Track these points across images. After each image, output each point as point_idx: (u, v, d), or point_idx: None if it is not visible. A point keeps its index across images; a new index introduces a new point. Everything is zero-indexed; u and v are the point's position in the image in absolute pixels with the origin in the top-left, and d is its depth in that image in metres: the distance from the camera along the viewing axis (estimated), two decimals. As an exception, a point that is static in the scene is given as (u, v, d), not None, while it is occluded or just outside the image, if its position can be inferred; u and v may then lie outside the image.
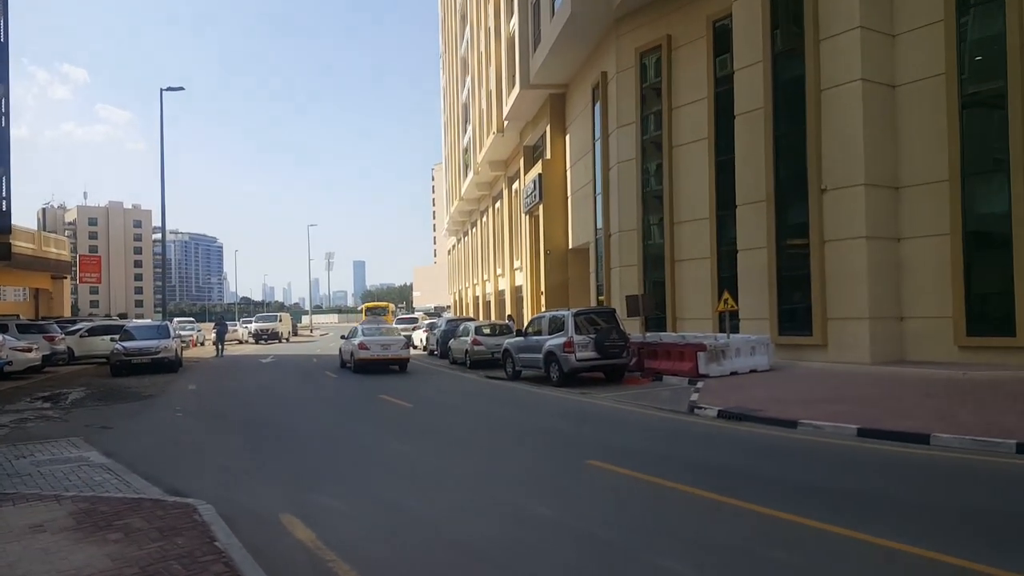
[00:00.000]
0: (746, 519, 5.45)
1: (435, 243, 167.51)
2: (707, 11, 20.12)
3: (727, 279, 19.19)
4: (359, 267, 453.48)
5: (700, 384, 13.95)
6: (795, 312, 16.85)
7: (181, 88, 31.84)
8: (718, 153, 19.76)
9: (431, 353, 29.50)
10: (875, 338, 15.38)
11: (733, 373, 15.09)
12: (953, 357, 14.78)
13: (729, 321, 16.68)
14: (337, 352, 25.42)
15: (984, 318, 14.41)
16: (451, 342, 24.12)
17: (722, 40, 19.85)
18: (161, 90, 31.40)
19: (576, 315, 15.52)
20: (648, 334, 18.31)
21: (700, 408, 11.22)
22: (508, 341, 18.28)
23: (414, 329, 37.82)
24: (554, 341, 15.61)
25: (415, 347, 35.95)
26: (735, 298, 16.79)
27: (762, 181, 17.35)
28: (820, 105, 16.15)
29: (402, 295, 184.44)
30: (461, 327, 24.16)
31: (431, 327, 31.54)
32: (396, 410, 12.98)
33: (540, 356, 16.06)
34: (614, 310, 16.34)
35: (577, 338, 15.13)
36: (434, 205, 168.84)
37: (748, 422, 10.17)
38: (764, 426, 9.82)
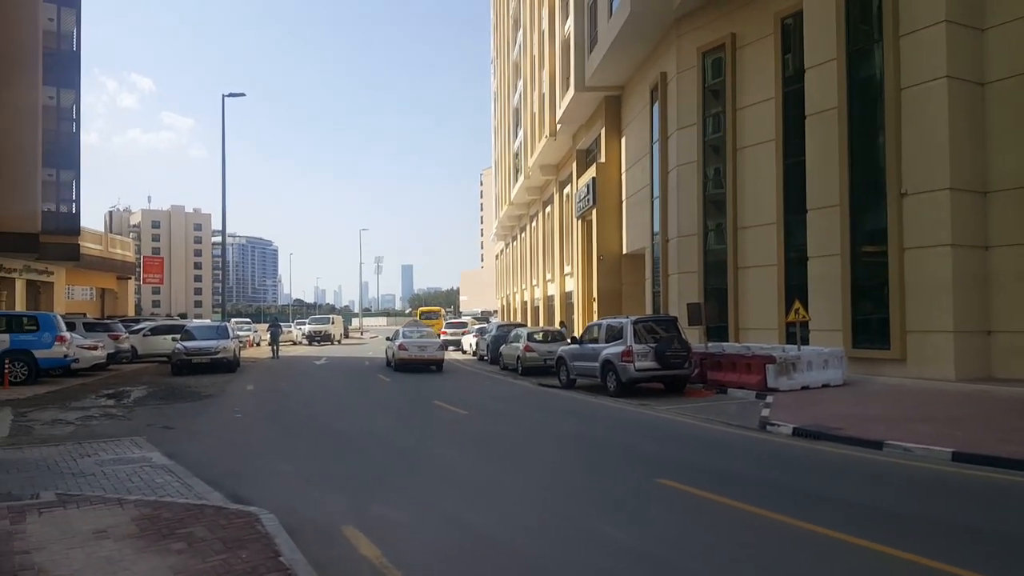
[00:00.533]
0: (859, 557, 4.91)
1: (482, 248, 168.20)
2: (775, 8, 19.38)
3: (795, 288, 18.37)
4: (407, 271, 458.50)
5: (769, 398, 13.27)
6: (870, 324, 15.97)
7: (242, 94, 32.53)
8: (786, 156, 18.97)
9: (481, 358, 29.24)
10: (960, 353, 14.43)
11: (804, 388, 14.34)
12: (1047, 375, 13.76)
13: (799, 332, 15.91)
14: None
15: (1083, 333, 13.35)
16: (502, 348, 23.80)
17: (790, 38, 19.09)
18: (223, 96, 32.12)
19: (635, 323, 14.99)
20: (710, 344, 17.64)
21: (773, 424, 10.60)
22: (562, 348, 17.85)
23: (463, 334, 37.65)
24: (612, 350, 15.11)
25: (464, 352, 35.86)
26: (805, 308, 16.02)
27: (835, 185, 16.54)
28: (900, 104, 15.28)
29: (449, 299, 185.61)
30: (512, 333, 23.82)
31: (481, 332, 31.30)
32: (452, 416, 12.72)
33: (596, 365, 15.58)
34: (675, 318, 15.75)
35: (636, 347, 14.60)
36: (482, 210, 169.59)
37: (827, 441, 9.52)
38: (845, 446, 9.16)
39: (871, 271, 16.01)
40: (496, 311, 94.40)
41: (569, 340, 18.80)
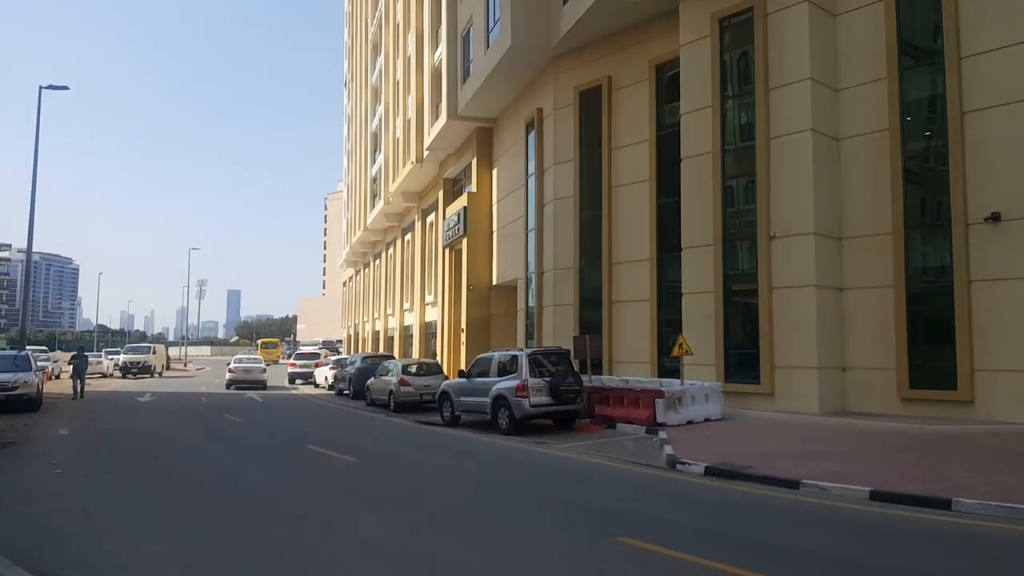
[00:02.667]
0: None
1: (325, 275, 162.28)
2: (650, 55, 20.17)
3: (668, 322, 18.91)
4: (233, 296, 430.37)
5: (662, 434, 13.29)
6: (742, 359, 16.69)
7: (65, 87, 28.46)
8: (660, 195, 19.64)
9: (340, 393, 27.46)
10: (823, 388, 15.39)
11: (689, 422, 14.58)
12: (895, 410, 14.97)
13: (679, 365, 16.27)
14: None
15: (926, 371, 14.69)
16: (370, 382, 22.43)
17: (665, 83, 19.92)
18: (40, 88, 27.93)
19: (530, 356, 14.54)
20: (592, 377, 17.61)
21: (683, 463, 10.49)
22: (447, 383, 17.02)
23: (316, 366, 35.35)
24: (505, 384, 14.54)
25: (318, 386, 33.62)
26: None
27: (709, 225, 17.26)
28: (769, 152, 16.29)
29: (283, 328, 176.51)
30: (382, 366, 22.53)
31: (340, 364, 29.46)
32: (342, 465, 11.37)
33: (487, 400, 14.92)
34: (568, 351, 15.53)
35: (532, 381, 14.15)
36: (326, 235, 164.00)
37: (742, 481, 9.51)
38: (763, 486, 9.17)
39: (742, 308, 16.80)
40: (340, 341, 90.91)
41: (459, 374, 17.98)
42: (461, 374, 16.81)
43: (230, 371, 32.19)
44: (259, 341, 62.39)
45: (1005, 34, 13.66)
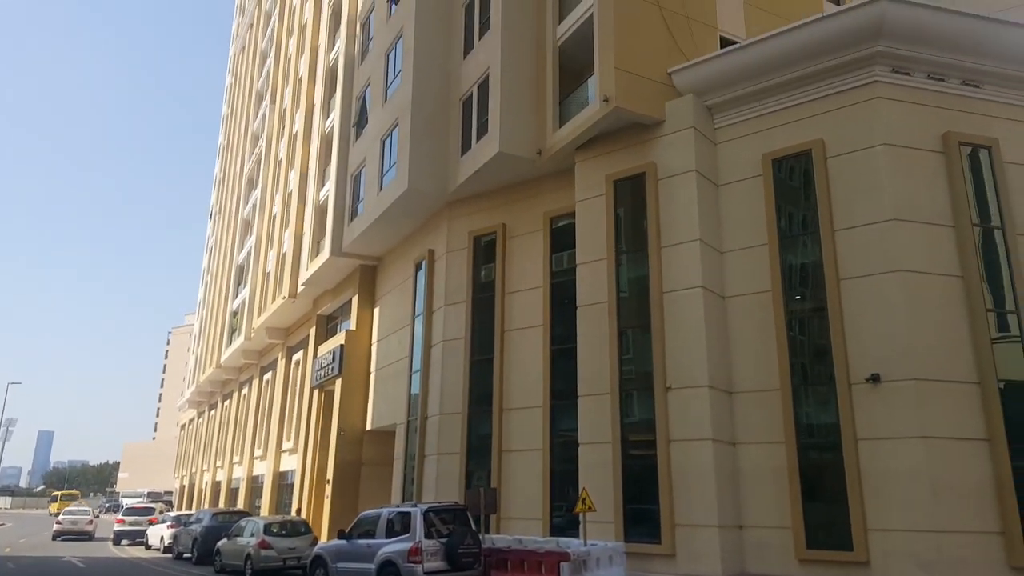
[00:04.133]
0: None
1: (159, 416, 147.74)
2: (545, 207, 20.81)
3: (561, 474, 18.08)
4: (44, 438, 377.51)
5: (572, 602, 12.03)
6: (642, 515, 16.01)
7: None
8: (554, 341, 19.48)
9: (180, 556, 23.47)
10: (725, 548, 14.92)
11: (595, 587, 13.43)
12: (794, 571, 14.70)
13: (575, 523, 15.28)
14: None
15: (822, 531, 14.69)
16: (221, 543, 19.29)
17: (559, 235, 20.44)
18: None
19: (425, 513, 13.02)
20: (483, 536, 16.10)
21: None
22: (321, 546, 14.88)
23: (151, 523, 30.42)
24: (394, 547, 12.84)
25: (150, 547, 28.79)
26: (575, 498, 15.57)
27: (606, 373, 17.12)
28: (663, 305, 16.74)
29: (101, 476, 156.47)
30: (236, 524, 19.53)
31: (181, 522, 25.43)
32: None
33: (372, 567, 13.05)
34: (465, 507, 14.13)
35: (426, 543, 12.56)
36: (165, 372, 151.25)
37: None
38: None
39: (641, 461, 16.37)
40: (170, 492, 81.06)
41: (339, 535, 15.75)
42: (341, 535, 14.70)
43: (58, 523, 36.52)
44: (56, 493, 55.91)
45: (871, 212, 15.29)
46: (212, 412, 56.95)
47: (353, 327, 27.67)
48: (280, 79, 42.68)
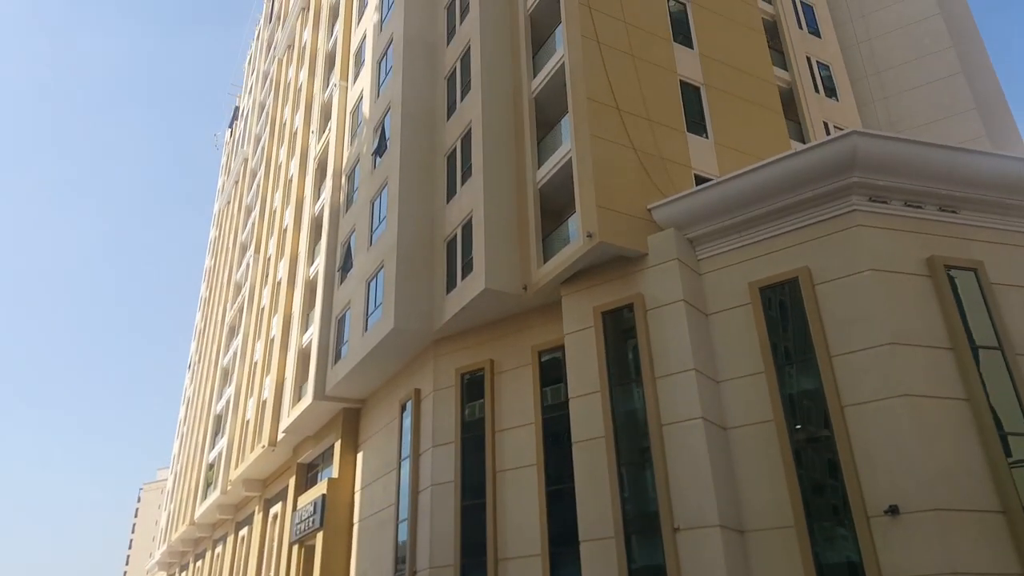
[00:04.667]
0: None
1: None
2: (532, 341, 20.54)
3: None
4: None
5: None
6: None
7: None
8: (549, 482, 18.47)
9: None
10: None
11: None
12: None
13: None
14: None
15: None
16: None
17: (549, 368, 20.01)
18: None
19: None
20: None
21: None
22: None
23: None
24: None
25: None
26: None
27: (608, 515, 16.08)
28: (663, 439, 16.07)
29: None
30: None
31: None
32: None
33: None
34: None
35: None
36: (134, 532, 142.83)
37: None
38: None
39: (652, 614, 14.99)
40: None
41: None
42: None
43: None
44: None
45: (867, 337, 15.15)
46: (183, 574, 52.81)
47: (335, 475, 26.28)
48: (265, 230, 43.58)
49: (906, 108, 28.90)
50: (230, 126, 71.33)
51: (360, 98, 30.17)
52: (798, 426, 15.61)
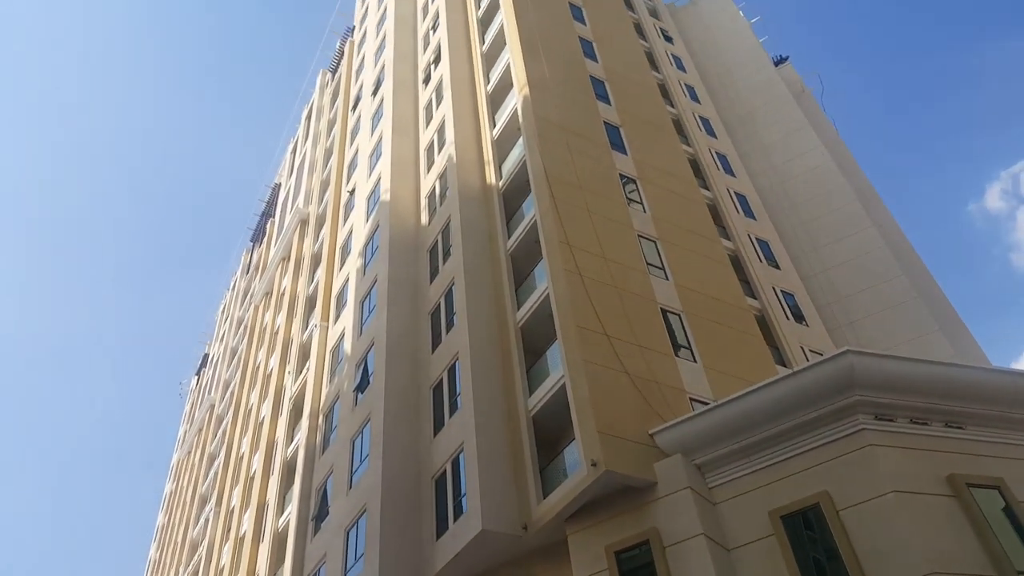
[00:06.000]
0: None
1: None
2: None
3: None
4: None
5: None
6: None
7: None
8: None
9: None
10: None
11: None
12: None
13: None
14: None
15: None
16: None
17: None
18: None
19: None
20: None
21: None
22: None
23: None
24: None
25: None
26: None
27: None
28: None
29: None
30: None
31: None
32: None
33: None
34: None
35: None
36: None
37: None
38: None
39: None
40: None
41: None
42: None
43: None
44: None
45: (906, 567, 13.88)
46: None
47: None
48: (230, 478, 40.90)
49: (873, 332, 29.89)
50: (197, 374, 70.64)
51: (342, 336, 30.25)
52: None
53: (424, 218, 29.81)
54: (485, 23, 34.90)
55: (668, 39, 41.00)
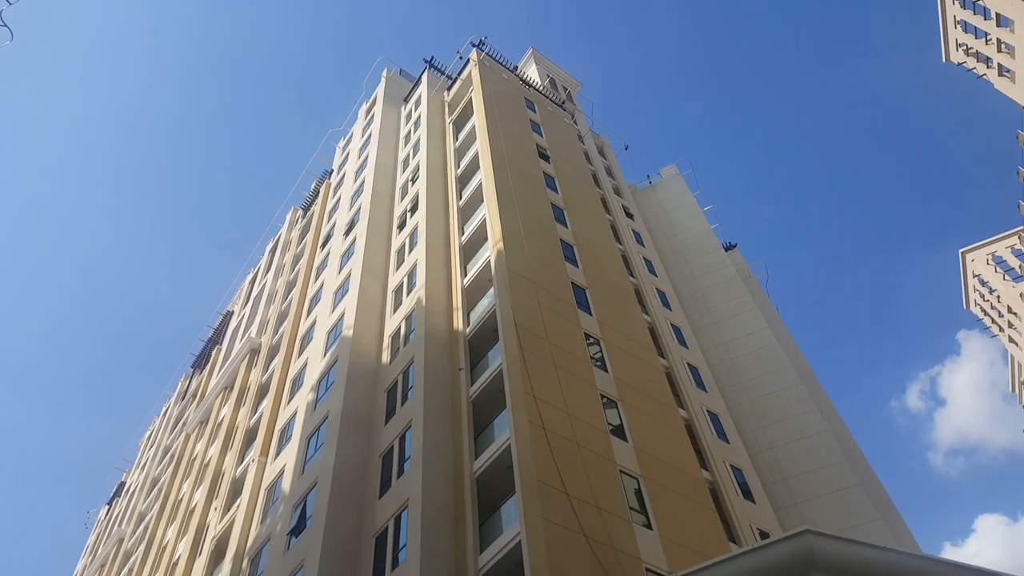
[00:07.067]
0: None
1: None
2: None
3: None
4: None
5: None
6: None
7: None
8: None
9: None
10: None
11: None
12: None
13: None
14: None
15: None
16: None
17: None
18: None
19: None
20: None
21: None
22: None
23: None
24: None
25: None
26: None
27: None
28: None
29: None
30: None
31: None
32: None
33: None
34: None
35: None
36: None
37: None
38: None
39: None
40: None
41: None
42: None
43: None
44: None
45: None
46: None
47: None
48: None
49: (816, 515, 29.98)
50: (109, 503, 64.92)
51: (281, 473, 28.70)
52: None
53: (385, 357, 29.63)
54: (463, 180, 37.06)
55: (629, 215, 44.01)
